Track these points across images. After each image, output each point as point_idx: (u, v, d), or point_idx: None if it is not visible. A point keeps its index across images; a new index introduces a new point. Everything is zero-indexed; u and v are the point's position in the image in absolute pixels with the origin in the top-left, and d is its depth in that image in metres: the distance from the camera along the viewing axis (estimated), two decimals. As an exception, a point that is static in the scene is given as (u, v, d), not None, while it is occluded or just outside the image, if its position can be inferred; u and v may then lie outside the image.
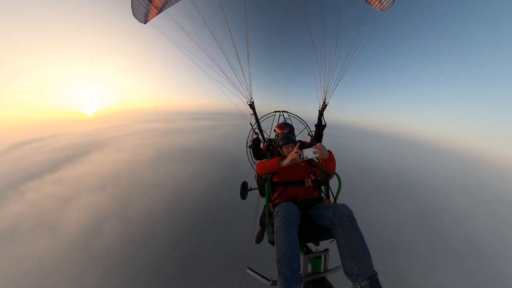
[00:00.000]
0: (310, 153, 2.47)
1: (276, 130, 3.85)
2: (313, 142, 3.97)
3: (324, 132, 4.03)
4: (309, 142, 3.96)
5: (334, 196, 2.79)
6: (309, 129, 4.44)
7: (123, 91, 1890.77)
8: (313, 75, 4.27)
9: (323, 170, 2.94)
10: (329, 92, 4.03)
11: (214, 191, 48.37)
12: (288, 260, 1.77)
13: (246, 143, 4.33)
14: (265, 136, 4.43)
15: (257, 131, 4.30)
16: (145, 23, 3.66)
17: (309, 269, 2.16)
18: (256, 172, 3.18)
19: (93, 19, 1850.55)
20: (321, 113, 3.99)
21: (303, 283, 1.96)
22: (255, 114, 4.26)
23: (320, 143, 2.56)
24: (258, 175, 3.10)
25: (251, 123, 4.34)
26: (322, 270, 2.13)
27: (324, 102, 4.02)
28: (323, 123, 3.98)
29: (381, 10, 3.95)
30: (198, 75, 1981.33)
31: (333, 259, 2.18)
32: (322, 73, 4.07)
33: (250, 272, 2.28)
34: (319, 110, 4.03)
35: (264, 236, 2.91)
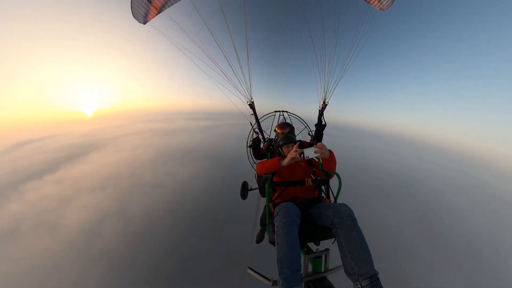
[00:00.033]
0: (311, 152, 2.46)
1: (276, 130, 3.85)
2: (313, 142, 3.97)
3: (324, 132, 4.02)
4: (309, 142, 3.96)
5: (335, 195, 2.79)
6: (309, 129, 4.43)
7: (123, 91, 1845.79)
8: (313, 75, 4.26)
9: (324, 170, 2.94)
10: (329, 91, 4.02)
11: (214, 191, 48.36)
12: (289, 260, 1.77)
13: (246, 143, 4.32)
14: (265, 136, 4.42)
15: (257, 131, 4.29)
16: (144, 23, 3.65)
17: (310, 269, 2.16)
18: (257, 172, 3.17)
19: (93, 18, 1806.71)
20: (321, 113, 3.98)
21: (304, 283, 1.96)
22: (255, 114, 4.25)
23: (321, 143, 2.55)
24: (258, 175, 3.10)
25: (251, 123, 4.33)
26: (322, 270, 2.13)
27: (324, 102, 4.01)
28: (323, 122, 3.97)
29: (380, 10, 3.95)
30: (197, 75, 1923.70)
31: (333, 259, 2.18)
32: (322, 73, 4.05)
33: (251, 272, 2.29)
34: (319, 110, 4.02)
35: (265, 236, 2.91)
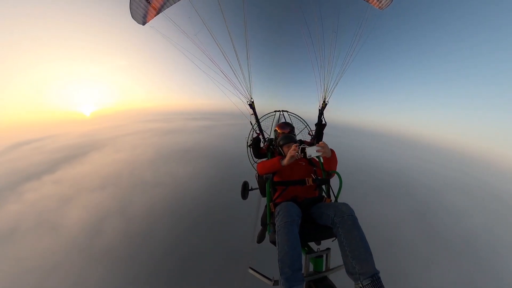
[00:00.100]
0: (313, 151, 2.46)
1: (277, 130, 3.85)
2: (314, 141, 3.97)
3: (324, 131, 4.03)
4: (309, 142, 3.96)
5: (335, 195, 2.80)
6: (309, 128, 4.42)
7: (121, 91, 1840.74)
8: (313, 75, 4.28)
9: (324, 169, 2.94)
10: (329, 91, 4.04)
11: (214, 191, 48.30)
12: (290, 260, 1.77)
13: (247, 142, 4.31)
14: (265, 136, 4.41)
15: (257, 130, 4.28)
16: (143, 24, 3.63)
17: (311, 269, 2.16)
18: (257, 172, 3.17)
19: (92, 18, 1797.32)
20: (321, 112, 3.99)
21: (305, 283, 1.96)
22: (255, 114, 4.25)
23: (323, 141, 2.55)
24: (258, 175, 3.10)
25: (251, 122, 4.33)
26: (323, 269, 2.14)
27: (324, 101, 4.02)
28: (323, 122, 3.97)
29: (379, 8, 3.96)
30: (197, 75, 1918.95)
31: (334, 258, 2.18)
32: (322, 73, 4.08)
33: (252, 272, 2.29)
34: (319, 109, 4.02)
35: (266, 236, 2.92)
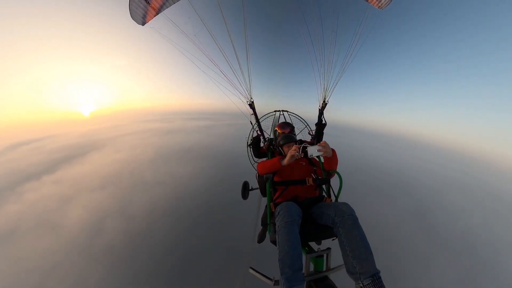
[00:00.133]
0: (315, 150, 2.46)
1: (277, 130, 3.85)
2: (314, 141, 3.96)
3: (324, 131, 4.03)
4: (310, 141, 3.96)
5: (336, 195, 2.80)
6: (310, 128, 4.41)
7: (121, 91, 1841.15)
8: (312, 75, 4.28)
9: (324, 169, 2.94)
10: (329, 90, 4.04)
11: (214, 191, 48.28)
12: (290, 260, 1.77)
13: (247, 142, 4.30)
14: (265, 136, 4.41)
15: (258, 131, 4.27)
16: (143, 24, 3.62)
17: (311, 268, 2.16)
18: (257, 172, 3.17)
19: (91, 18, 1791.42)
20: (321, 112, 3.98)
21: (306, 282, 1.96)
22: (255, 114, 4.24)
23: (325, 141, 2.54)
24: (259, 175, 3.10)
25: (251, 122, 4.32)
26: (324, 269, 2.14)
27: (324, 101, 4.02)
28: (323, 121, 3.96)
29: (379, 8, 3.96)
30: (196, 75, 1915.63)
31: (335, 258, 2.19)
32: (322, 72, 4.09)
33: (252, 272, 2.29)
34: (319, 109, 4.02)
35: (266, 236, 2.92)
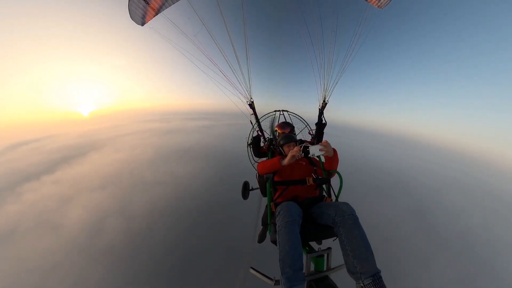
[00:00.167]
0: (316, 150, 2.46)
1: (277, 130, 3.84)
2: (314, 140, 3.96)
3: (324, 131, 4.02)
4: (310, 141, 3.96)
5: (336, 194, 2.80)
6: (310, 128, 4.40)
7: (119, 91, 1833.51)
8: (312, 74, 4.27)
9: (325, 169, 2.94)
10: (329, 90, 4.04)
11: (214, 191, 48.26)
12: (291, 259, 1.77)
13: (247, 142, 4.30)
14: (265, 136, 4.40)
15: (258, 131, 4.26)
16: (142, 25, 3.60)
17: (312, 268, 2.16)
18: (257, 171, 3.17)
19: (90, 18, 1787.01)
20: (321, 112, 3.98)
21: (306, 282, 1.97)
22: (255, 114, 4.23)
23: (326, 141, 2.53)
24: (259, 174, 3.10)
25: (251, 122, 4.32)
26: (324, 268, 2.14)
27: (324, 101, 4.01)
28: (323, 121, 3.96)
29: (378, 7, 3.96)
30: (196, 75, 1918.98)
31: (335, 258, 2.19)
32: (322, 72, 4.08)
33: (253, 272, 2.29)
34: (319, 109, 4.02)
35: (267, 236, 2.92)
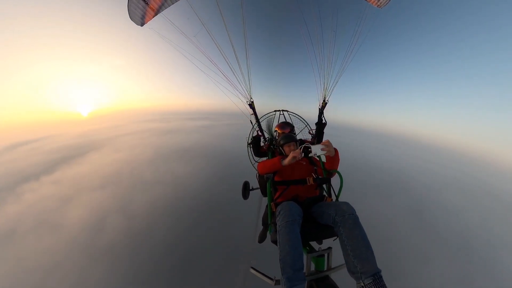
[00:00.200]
0: (318, 149, 2.45)
1: (277, 130, 3.83)
2: (314, 140, 3.96)
3: (324, 131, 4.01)
4: (309, 141, 3.96)
5: (336, 194, 2.81)
6: (310, 128, 4.38)
7: (119, 91, 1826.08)
8: (312, 74, 4.27)
9: (325, 168, 2.94)
10: (328, 90, 4.03)
11: (214, 191, 48.27)
12: (291, 259, 1.77)
13: (247, 142, 4.29)
14: (265, 136, 4.39)
15: (258, 131, 4.25)
16: (142, 25, 3.58)
17: (312, 268, 2.16)
18: (258, 171, 3.17)
19: (90, 18, 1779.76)
20: (321, 111, 3.97)
21: (307, 282, 1.97)
22: (255, 114, 4.22)
23: (328, 140, 2.53)
24: (259, 174, 3.10)
25: (251, 121, 4.31)
26: (325, 268, 2.14)
27: (324, 100, 4.00)
28: (323, 121, 3.95)
29: (377, 7, 3.95)
30: (195, 75, 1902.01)
31: (336, 258, 2.19)
32: (322, 72, 4.07)
33: (253, 272, 2.28)
34: (319, 108, 4.01)
35: (267, 236, 2.91)
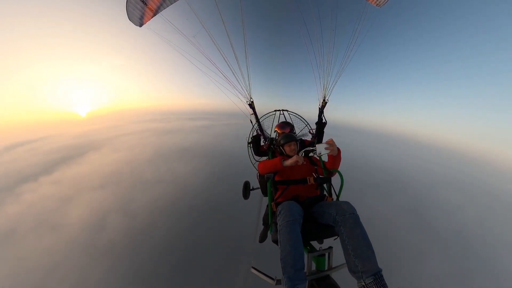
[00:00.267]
0: (322, 148, 2.46)
1: (277, 131, 3.82)
2: (314, 140, 3.96)
3: (324, 131, 4.01)
4: (310, 140, 3.96)
5: (337, 194, 2.80)
6: (310, 127, 4.36)
7: (118, 91, 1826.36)
8: (312, 74, 4.26)
9: (326, 168, 2.94)
10: (328, 89, 4.03)
11: (214, 191, 48.28)
12: (292, 259, 1.77)
13: (247, 142, 4.28)
14: (265, 135, 4.38)
15: (259, 131, 4.25)
16: (140, 26, 3.55)
17: (313, 267, 2.16)
18: (258, 171, 3.17)
19: (88, 17, 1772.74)
20: (321, 111, 3.97)
21: (308, 282, 1.97)
22: (255, 113, 4.22)
23: (332, 139, 2.53)
24: (260, 174, 3.10)
25: (251, 121, 4.30)
26: (326, 268, 2.14)
27: (324, 100, 4.00)
28: (323, 120, 3.95)
29: (377, 6, 3.95)
30: (195, 75, 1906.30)
31: (337, 257, 2.19)
32: (321, 71, 4.07)
33: (254, 271, 2.28)
34: (319, 108, 4.01)
35: (268, 235, 2.91)
